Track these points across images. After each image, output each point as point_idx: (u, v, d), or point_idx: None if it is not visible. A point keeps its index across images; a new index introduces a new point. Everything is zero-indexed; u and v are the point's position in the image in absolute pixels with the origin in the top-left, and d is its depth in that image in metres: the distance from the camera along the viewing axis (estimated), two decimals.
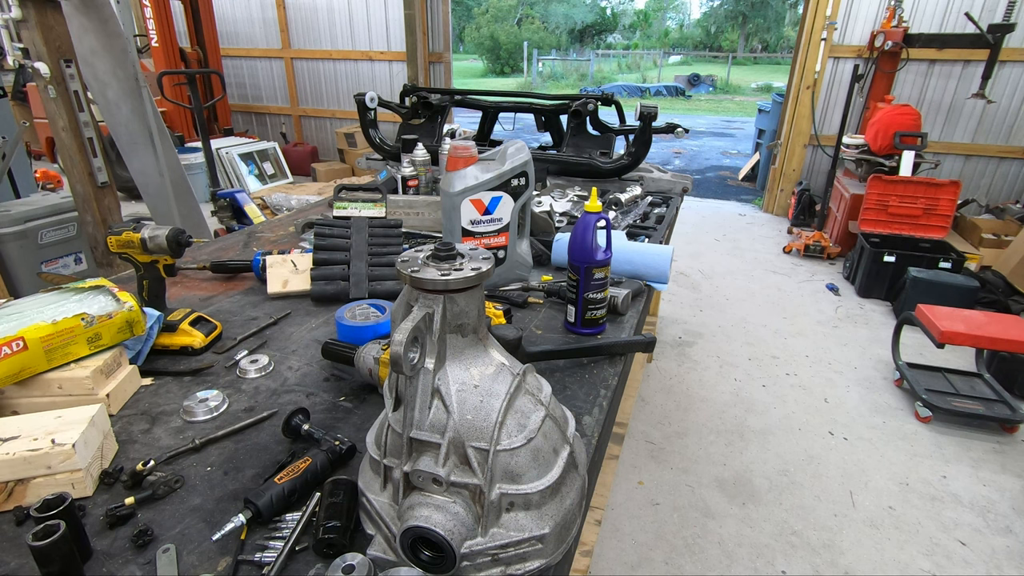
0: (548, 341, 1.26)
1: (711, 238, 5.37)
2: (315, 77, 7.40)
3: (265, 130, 7.98)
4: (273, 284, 1.45)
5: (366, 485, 0.74)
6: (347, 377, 1.11)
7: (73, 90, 2.65)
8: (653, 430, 2.67)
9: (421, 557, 0.66)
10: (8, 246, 2.98)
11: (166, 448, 0.90)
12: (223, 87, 5.89)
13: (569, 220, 2.02)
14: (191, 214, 3.54)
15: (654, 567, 1.97)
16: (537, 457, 0.69)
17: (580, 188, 2.43)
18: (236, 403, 1.03)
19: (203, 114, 3.89)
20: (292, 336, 1.27)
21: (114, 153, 3.58)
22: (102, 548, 0.72)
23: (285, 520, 0.76)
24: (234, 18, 7.48)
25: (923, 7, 5.00)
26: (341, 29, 6.98)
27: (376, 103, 2.77)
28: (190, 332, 1.17)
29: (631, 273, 1.54)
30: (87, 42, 2.92)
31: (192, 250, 1.71)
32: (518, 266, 1.49)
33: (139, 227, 1.16)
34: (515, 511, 0.68)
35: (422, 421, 0.67)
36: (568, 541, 0.72)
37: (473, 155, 1.38)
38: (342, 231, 1.59)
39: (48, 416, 0.83)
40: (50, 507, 0.67)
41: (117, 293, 1.06)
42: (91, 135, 2.76)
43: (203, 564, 0.70)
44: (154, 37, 6.25)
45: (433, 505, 0.65)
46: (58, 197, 3.31)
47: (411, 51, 6.42)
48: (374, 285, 1.43)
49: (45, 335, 0.92)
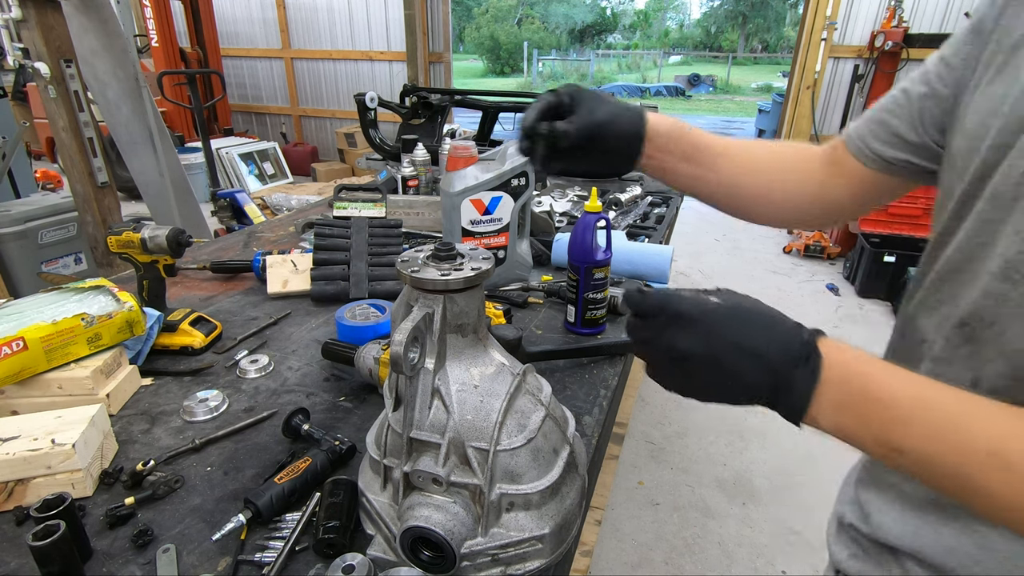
0: (548, 341, 1.26)
1: (711, 238, 5.38)
2: (315, 77, 7.40)
3: (265, 130, 7.98)
4: (273, 284, 1.45)
5: (366, 485, 0.74)
6: (347, 377, 1.11)
7: (73, 90, 2.65)
8: (653, 430, 2.67)
9: (421, 557, 0.66)
10: (8, 246, 2.98)
11: (166, 448, 0.90)
12: (223, 87, 5.88)
13: (569, 220, 2.02)
14: (191, 214, 3.54)
15: (654, 567, 1.97)
16: (537, 457, 0.69)
17: (580, 188, 2.43)
18: (236, 403, 1.03)
19: (203, 114, 3.89)
20: (292, 336, 1.27)
21: (114, 153, 3.58)
22: (102, 548, 0.72)
23: (285, 520, 0.76)
24: (234, 18, 7.48)
25: (923, 7, 5.01)
26: (341, 29, 6.98)
27: (376, 103, 2.77)
28: (190, 332, 1.17)
29: (631, 273, 1.54)
30: (87, 42, 2.92)
31: (192, 250, 1.71)
32: (518, 266, 1.49)
33: (139, 227, 1.16)
34: (515, 511, 0.68)
35: (422, 421, 0.67)
36: (568, 541, 0.72)
37: (473, 155, 1.38)
38: (342, 231, 1.59)
39: (48, 416, 0.83)
40: (50, 507, 0.67)
41: (117, 293, 1.06)
42: (91, 135, 2.76)
43: (203, 564, 0.70)
44: (154, 37, 6.25)
45: (433, 505, 0.65)
46: (58, 197, 3.31)
47: (411, 51, 6.42)
48: (374, 285, 1.43)
49: (45, 335, 0.92)
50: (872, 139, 0.69)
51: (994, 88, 0.55)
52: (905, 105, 0.66)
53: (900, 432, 0.43)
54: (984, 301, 0.51)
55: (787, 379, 0.46)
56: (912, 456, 0.43)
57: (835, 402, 0.46)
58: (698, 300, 0.49)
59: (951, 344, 0.55)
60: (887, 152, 0.67)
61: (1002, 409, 0.42)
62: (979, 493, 0.41)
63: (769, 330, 0.47)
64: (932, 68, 0.65)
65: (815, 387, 0.46)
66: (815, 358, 0.46)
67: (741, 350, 0.47)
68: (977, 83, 0.58)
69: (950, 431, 0.42)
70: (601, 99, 0.69)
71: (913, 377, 0.46)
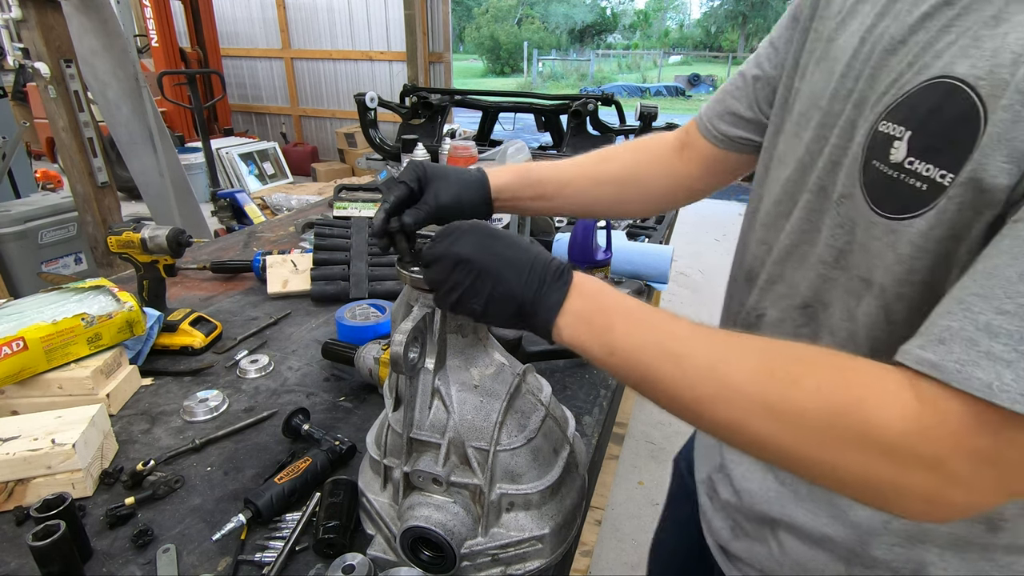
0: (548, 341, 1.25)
1: (711, 238, 5.38)
2: (315, 77, 7.39)
3: (265, 130, 7.98)
4: (273, 284, 1.45)
5: (366, 485, 0.74)
6: (347, 377, 1.11)
7: (73, 90, 2.64)
8: (653, 430, 2.67)
9: (421, 557, 0.66)
10: (8, 246, 2.98)
11: (166, 448, 0.90)
12: (223, 87, 5.88)
13: (569, 220, 2.02)
14: (191, 214, 3.54)
15: None
16: (537, 457, 0.69)
17: None
18: (236, 403, 1.03)
19: (203, 114, 3.89)
20: (292, 336, 1.27)
21: (114, 153, 3.57)
22: (102, 548, 0.72)
23: (285, 520, 0.76)
24: (234, 18, 7.48)
25: None
26: (341, 29, 6.98)
27: (376, 103, 2.78)
28: (190, 332, 1.17)
29: (631, 273, 1.54)
30: (87, 42, 2.92)
31: (192, 250, 1.71)
32: None
33: (139, 227, 1.16)
34: (515, 511, 0.68)
35: (422, 421, 0.67)
36: (568, 541, 0.72)
37: (473, 155, 1.38)
38: (342, 231, 1.59)
39: (48, 416, 0.83)
40: (50, 507, 0.67)
41: (117, 293, 1.06)
42: (91, 135, 2.76)
43: (203, 564, 0.70)
44: (154, 37, 6.25)
45: (433, 505, 0.65)
46: (58, 197, 3.30)
47: (411, 51, 6.42)
48: (374, 285, 1.43)
49: (45, 335, 0.92)
50: (718, 120, 0.77)
51: (815, 79, 0.60)
52: (743, 87, 0.74)
53: (616, 332, 0.50)
54: (823, 285, 0.57)
55: (545, 290, 0.53)
56: (619, 353, 0.50)
57: (575, 312, 0.52)
58: (478, 222, 0.57)
59: (794, 323, 0.61)
60: (731, 131, 0.76)
61: (695, 325, 0.49)
62: (655, 381, 0.48)
63: (532, 250, 0.55)
64: (763, 51, 0.72)
65: (565, 299, 0.53)
66: (568, 275, 0.54)
67: (509, 261, 0.54)
68: (803, 71, 0.63)
69: (647, 328, 0.49)
70: (446, 178, 0.70)
71: (638, 301, 0.53)
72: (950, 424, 0.37)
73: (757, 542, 0.67)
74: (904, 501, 0.40)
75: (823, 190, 0.57)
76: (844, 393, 0.41)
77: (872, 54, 0.53)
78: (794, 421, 0.42)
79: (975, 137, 0.41)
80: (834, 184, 0.55)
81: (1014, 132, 0.39)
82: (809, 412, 0.41)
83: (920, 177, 0.45)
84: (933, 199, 0.44)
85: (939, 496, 0.39)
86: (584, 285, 0.54)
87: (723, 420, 0.45)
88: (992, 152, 0.40)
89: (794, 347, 0.46)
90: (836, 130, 0.56)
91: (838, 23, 0.58)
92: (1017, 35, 0.41)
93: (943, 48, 0.45)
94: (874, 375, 0.42)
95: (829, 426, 0.41)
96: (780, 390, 0.43)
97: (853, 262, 0.53)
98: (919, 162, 0.45)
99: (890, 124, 0.48)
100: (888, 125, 0.48)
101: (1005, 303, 0.36)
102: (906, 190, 0.46)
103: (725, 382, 0.45)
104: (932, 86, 0.45)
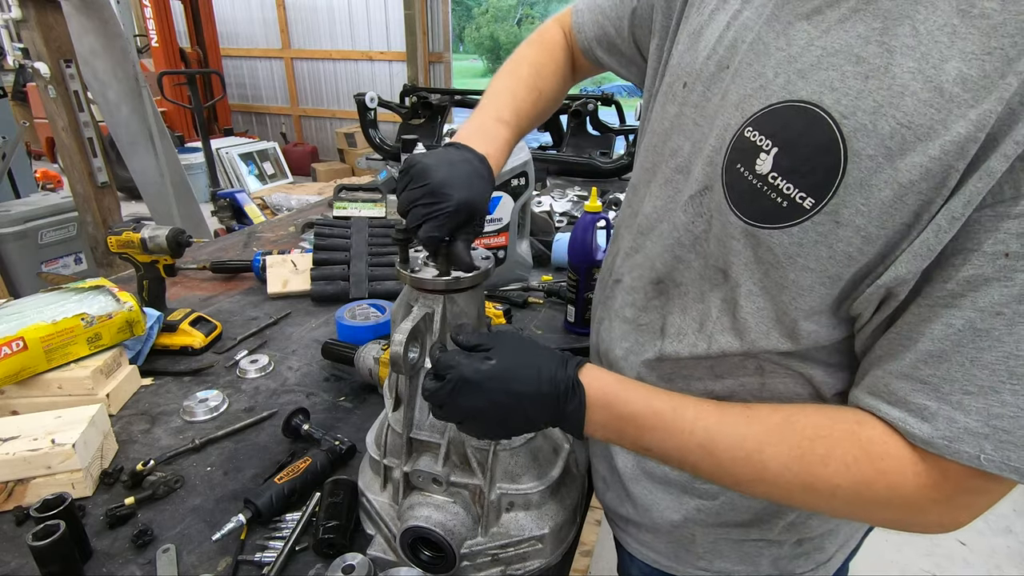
0: (548, 341, 1.26)
1: None
2: (315, 77, 7.39)
3: (265, 130, 7.98)
4: (273, 284, 1.45)
5: (366, 485, 0.74)
6: (347, 377, 1.11)
7: (73, 90, 2.64)
8: None
9: (421, 557, 0.66)
10: (8, 246, 2.98)
11: (166, 448, 0.90)
12: (223, 87, 5.88)
13: (569, 220, 2.02)
14: (191, 214, 3.53)
15: None
16: (537, 457, 0.69)
17: (580, 188, 2.43)
18: (236, 403, 1.03)
19: (203, 114, 3.89)
20: (292, 336, 1.27)
21: (114, 153, 3.57)
22: (102, 548, 0.72)
23: (285, 520, 0.76)
24: (234, 18, 7.47)
25: None
26: (341, 29, 6.97)
27: (376, 103, 2.78)
28: (190, 332, 1.17)
29: None
30: (87, 42, 2.91)
31: (192, 250, 1.70)
32: (518, 266, 1.49)
33: (139, 227, 1.16)
34: (515, 511, 0.68)
35: (422, 421, 0.67)
36: (568, 541, 0.72)
37: None
38: (342, 231, 1.59)
39: (48, 416, 0.83)
40: (50, 507, 0.67)
41: (117, 293, 1.05)
42: (91, 135, 2.76)
43: (203, 564, 0.70)
44: (154, 37, 6.24)
45: (433, 505, 0.65)
46: (58, 197, 3.30)
47: (411, 51, 6.41)
48: (374, 285, 1.43)
49: (45, 335, 0.92)
50: (596, 45, 0.82)
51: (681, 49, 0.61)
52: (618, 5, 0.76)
53: (647, 439, 0.56)
54: (677, 265, 0.60)
55: (562, 411, 0.56)
56: (655, 452, 0.57)
57: (600, 423, 0.57)
58: (474, 364, 0.56)
59: (647, 296, 0.65)
60: (608, 61, 0.82)
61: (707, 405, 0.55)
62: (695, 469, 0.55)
63: (538, 377, 0.55)
64: None
65: (584, 414, 0.56)
66: (580, 390, 0.56)
67: (519, 397, 0.55)
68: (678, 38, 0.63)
69: (675, 432, 0.54)
70: (459, 185, 0.64)
71: (648, 393, 0.57)
72: (951, 476, 0.46)
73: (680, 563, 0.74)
74: (923, 528, 0.51)
75: (681, 170, 0.58)
76: (868, 467, 0.48)
77: (737, 45, 0.53)
78: (829, 494, 0.49)
79: (837, 172, 0.44)
80: (692, 168, 0.57)
81: (873, 181, 0.43)
82: (842, 488, 0.49)
83: (782, 194, 0.47)
84: (794, 217, 0.47)
85: (951, 520, 0.48)
86: (595, 395, 0.56)
87: (763, 494, 0.53)
88: (854, 195, 0.44)
89: (808, 419, 0.51)
90: (696, 113, 0.57)
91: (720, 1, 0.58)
92: (879, 82, 0.42)
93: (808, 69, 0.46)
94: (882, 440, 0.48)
95: (858, 495, 0.49)
96: (813, 471, 0.49)
97: (710, 251, 0.56)
98: (783, 180, 0.47)
99: (757, 133, 0.49)
100: (755, 134, 0.49)
101: (968, 386, 0.43)
102: (768, 203, 0.48)
103: (762, 469, 0.51)
104: (800, 109, 0.46)
